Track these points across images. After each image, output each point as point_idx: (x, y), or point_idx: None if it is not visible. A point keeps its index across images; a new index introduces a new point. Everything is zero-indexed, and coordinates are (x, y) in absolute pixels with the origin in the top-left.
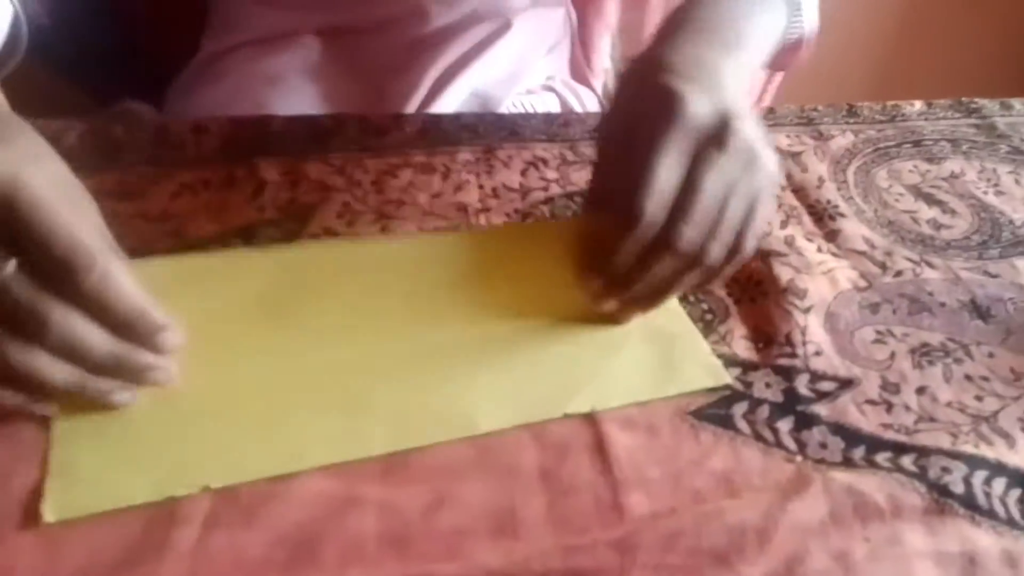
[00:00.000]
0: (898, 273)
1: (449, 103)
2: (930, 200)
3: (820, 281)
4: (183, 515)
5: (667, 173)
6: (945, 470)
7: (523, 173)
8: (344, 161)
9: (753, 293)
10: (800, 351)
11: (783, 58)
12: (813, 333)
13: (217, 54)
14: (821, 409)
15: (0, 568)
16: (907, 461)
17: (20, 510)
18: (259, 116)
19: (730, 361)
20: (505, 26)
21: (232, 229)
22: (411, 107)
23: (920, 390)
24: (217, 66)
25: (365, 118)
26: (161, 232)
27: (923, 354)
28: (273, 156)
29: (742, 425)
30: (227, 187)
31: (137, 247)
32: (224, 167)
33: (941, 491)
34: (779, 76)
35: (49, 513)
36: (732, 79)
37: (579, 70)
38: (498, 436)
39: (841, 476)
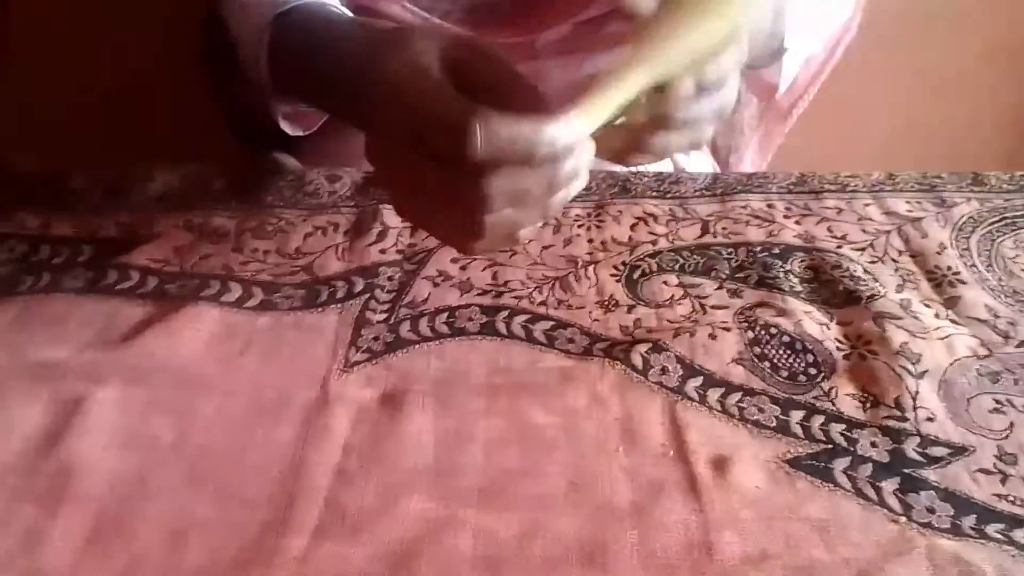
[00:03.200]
0: (1021, 344)
1: None
2: None
3: (936, 347)
4: (295, 525)
5: None
6: None
7: (632, 228)
8: None
9: (863, 351)
10: (910, 415)
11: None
12: (925, 399)
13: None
14: (930, 474)
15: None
16: (1020, 534)
17: None
18: None
19: (833, 417)
20: None
21: (356, 268)
22: None
23: None
24: (347, 126)
25: None
26: (294, 268)
27: None
28: None
29: (842, 480)
30: (355, 231)
31: (272, 280)
32: (353, 212)
33: None
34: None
35: None
36: None
37: None
38: (593, 473)
39: (948, 544)
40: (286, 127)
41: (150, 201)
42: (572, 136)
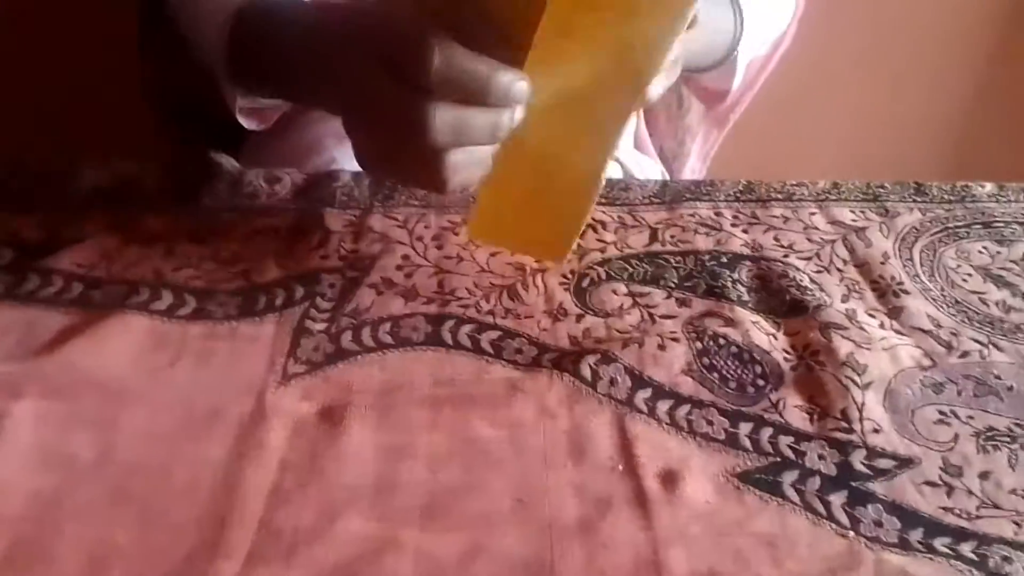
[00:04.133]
0: (964, 354)
1: None
2: (1000, 282)
3: (881, 357)
4: (227, 549)
5: None
6: (1006, 559)
7: (581, 235)
8: (407, 216)
9: (810, 362)
10: (857, 427)
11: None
12: (871, 410)
13: (295, 112)
14: (877, 487)
15: None
16: (966, 548)
17: None
18: (329, 170)
19: (781, 430)
20: None
21: (296, 275)
22: None
23: (984, 475)
24: (292, 122)
25: None
26: (230, 274)
27: (988, 438)
28: (339, 208)
29: (791, 493)
30: (294, 235)
31: (206, 287)
32: (293, 215)
33: None
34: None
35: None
36: None
37: (641, 141)
38: (540, 488)
39: (895, 559)
40: (243, 120)
41: (76, 200)
42: (523, 91)
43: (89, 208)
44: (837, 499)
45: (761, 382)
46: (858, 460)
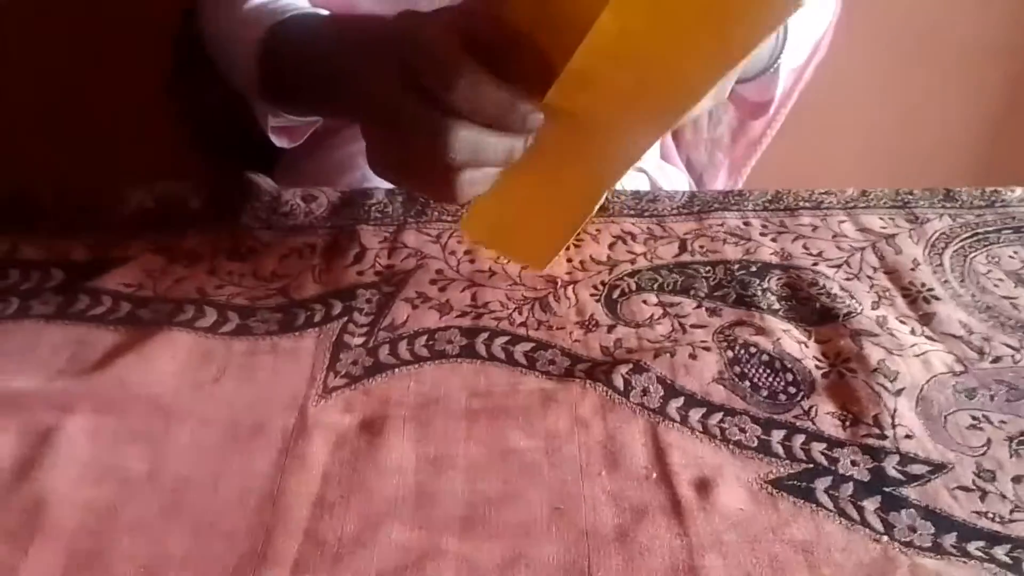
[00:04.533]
0: (996, 359)
1: None
2: None
3: (913, 363)
4: (274, 557)
5: None
6: None
7: (611, 247)
8: (440, 231)
9: (841, 369)
10: (889, 432)
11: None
12: (903, 416)
13: (327, 131)
14: (911, 492)
15: None
16: (1000, 552)
17: None
18: (363, 188)
19: (814, 436)
20: None
21: (333, 291)
22: None
23: (1017, 479)
24: (326, 142)
25: None
26: (270, 291)
27: (1021, 442)
28: (374, 224)
29: (824, 499)
30: (332, 252)
31: (248, 304)
32: (331, 233)
33: None
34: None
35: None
36: None
37: (668, 151)
38: (576, 497)
39: (930, 563)
40: (275, 139)
41: (122, 222)
42: (538, 121)
43: (134, 230)
44: (871, 504)
45: (792, 390)
46: (891, 466)
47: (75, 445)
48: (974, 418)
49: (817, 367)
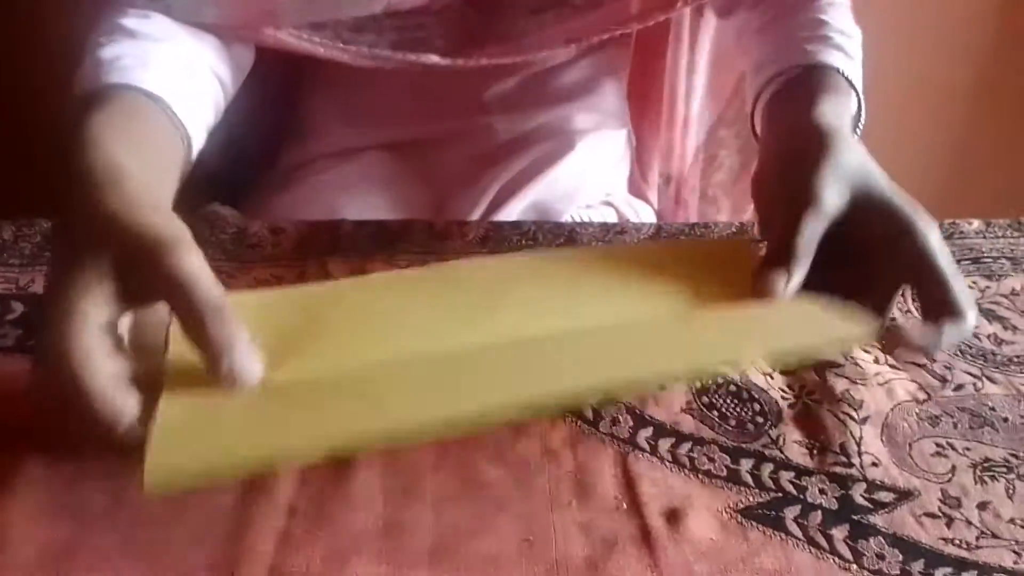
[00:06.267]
0: (958, 387)
1: (510, 214)
2: (991, 316)
3: (877, 392)
4: None
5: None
6: None
7: None
8: (409, 263)
9: (807, 400)
10: (856, 460)
11: None
12: (869, 444)
13: (294, 164)
14: (878, 519)
15: None
16: None
17: None
18: (331, 220)
19: (782, 465)
20: (568, 145)
21: None
22: (474, 217)
23: (982, 505)
24: (294, 175)
25: (430, 224)
26: None
27: (985, 469)
28: (342, 256)
29: (793, 528)
30: (299, 283)
31: None
32: (297, 265)
33: None
34: None
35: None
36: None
37: (636, 185)
38: (546, 528)
39: None
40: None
41: None
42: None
43: None
44: (839, 533)
45: (760, 419)
46: (858, 494)
47: (32, 481)
48: (938, 445)
49: (783, 398)
